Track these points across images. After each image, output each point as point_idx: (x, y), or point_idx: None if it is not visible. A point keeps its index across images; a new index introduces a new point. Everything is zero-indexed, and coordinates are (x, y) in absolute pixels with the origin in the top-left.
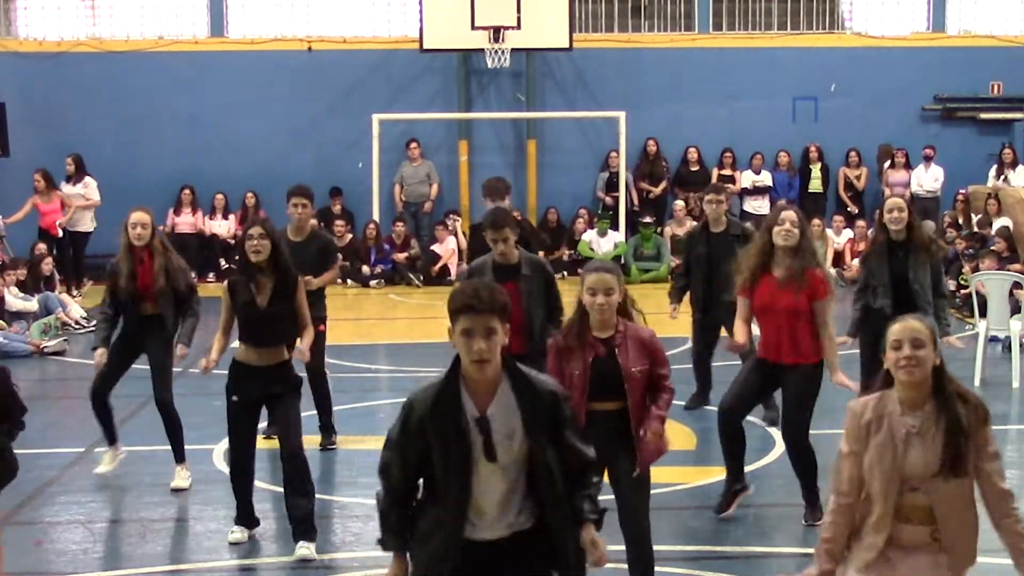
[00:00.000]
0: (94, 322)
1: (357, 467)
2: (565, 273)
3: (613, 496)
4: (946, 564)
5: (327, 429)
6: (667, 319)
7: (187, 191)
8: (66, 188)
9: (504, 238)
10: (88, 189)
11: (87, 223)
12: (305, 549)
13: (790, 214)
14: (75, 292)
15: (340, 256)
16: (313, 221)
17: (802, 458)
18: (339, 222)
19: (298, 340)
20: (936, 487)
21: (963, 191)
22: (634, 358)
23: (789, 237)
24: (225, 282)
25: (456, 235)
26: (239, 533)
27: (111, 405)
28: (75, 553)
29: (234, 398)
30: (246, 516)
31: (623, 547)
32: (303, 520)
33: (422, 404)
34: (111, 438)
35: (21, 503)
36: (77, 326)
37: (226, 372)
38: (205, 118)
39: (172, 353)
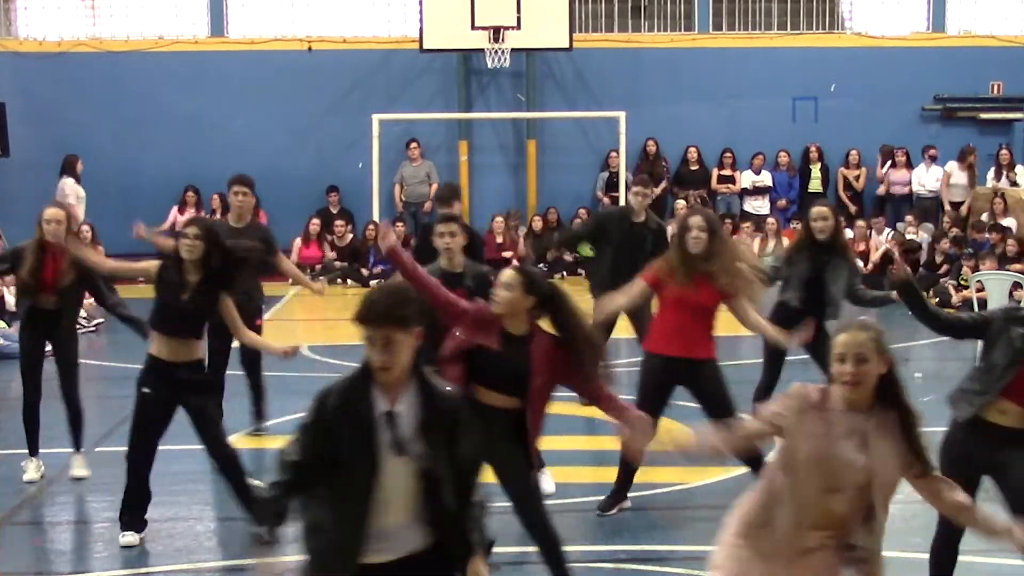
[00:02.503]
0: (95, 322)
1: None
2: (564, 273)
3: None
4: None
5: (259, 415)
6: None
7: (191, 192)
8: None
9: (451, 232)
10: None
11: None
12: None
13: (696, 219)
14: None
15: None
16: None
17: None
18: (338, 222)
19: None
20: (862, 493)
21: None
22: (540, 365)
23: (698, 244)
24: (159, 260)
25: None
26: (130, 536)
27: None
28: (75, 553)
29: (145, 390)
30: (138, 519)
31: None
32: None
33: (335, 395)
34: (34, 448)
35: (21, 503)
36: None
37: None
38: (205, 118)
39: (78, 347)
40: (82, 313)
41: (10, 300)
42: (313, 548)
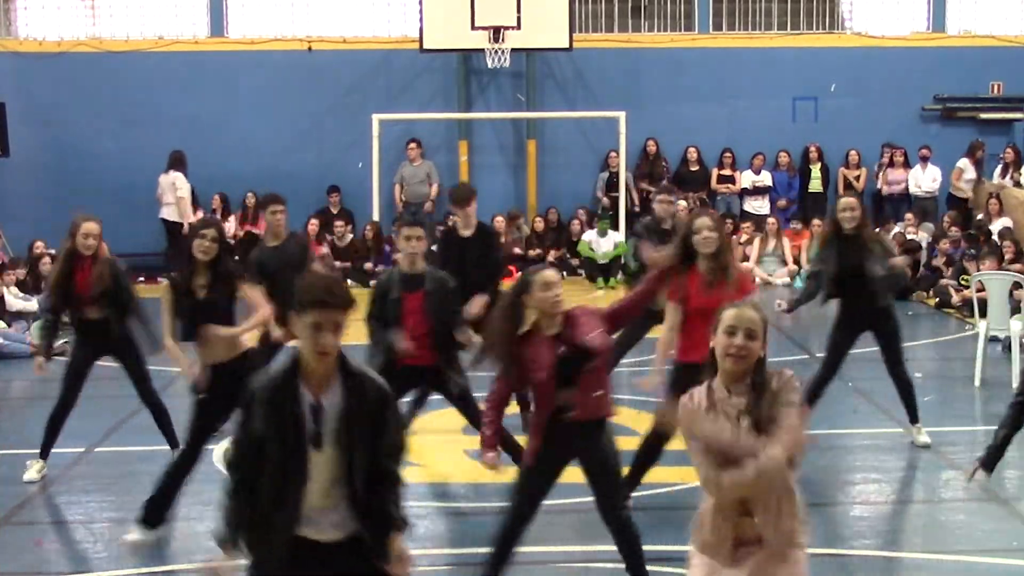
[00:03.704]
0: None
1: None
2: (564, 274)
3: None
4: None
5: None
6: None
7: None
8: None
9: (418, 236)
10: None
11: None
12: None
13: (705, 221)
14: None
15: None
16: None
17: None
18: (338, 222)
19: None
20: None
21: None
22: (591, 337)
23: (708, 244)
24: (167, 282)
25: None
26: (135, 534)
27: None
28: (75, 553)
29: (200, 396)
30: (163, 516)
31: (605, 546)
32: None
33: (263, 391)
34: (47, 452)
35: (21, 503)
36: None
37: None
38: (205, 118)
39: (138, 351)
40: None
41: (10, 300)
42: (251, 547)
